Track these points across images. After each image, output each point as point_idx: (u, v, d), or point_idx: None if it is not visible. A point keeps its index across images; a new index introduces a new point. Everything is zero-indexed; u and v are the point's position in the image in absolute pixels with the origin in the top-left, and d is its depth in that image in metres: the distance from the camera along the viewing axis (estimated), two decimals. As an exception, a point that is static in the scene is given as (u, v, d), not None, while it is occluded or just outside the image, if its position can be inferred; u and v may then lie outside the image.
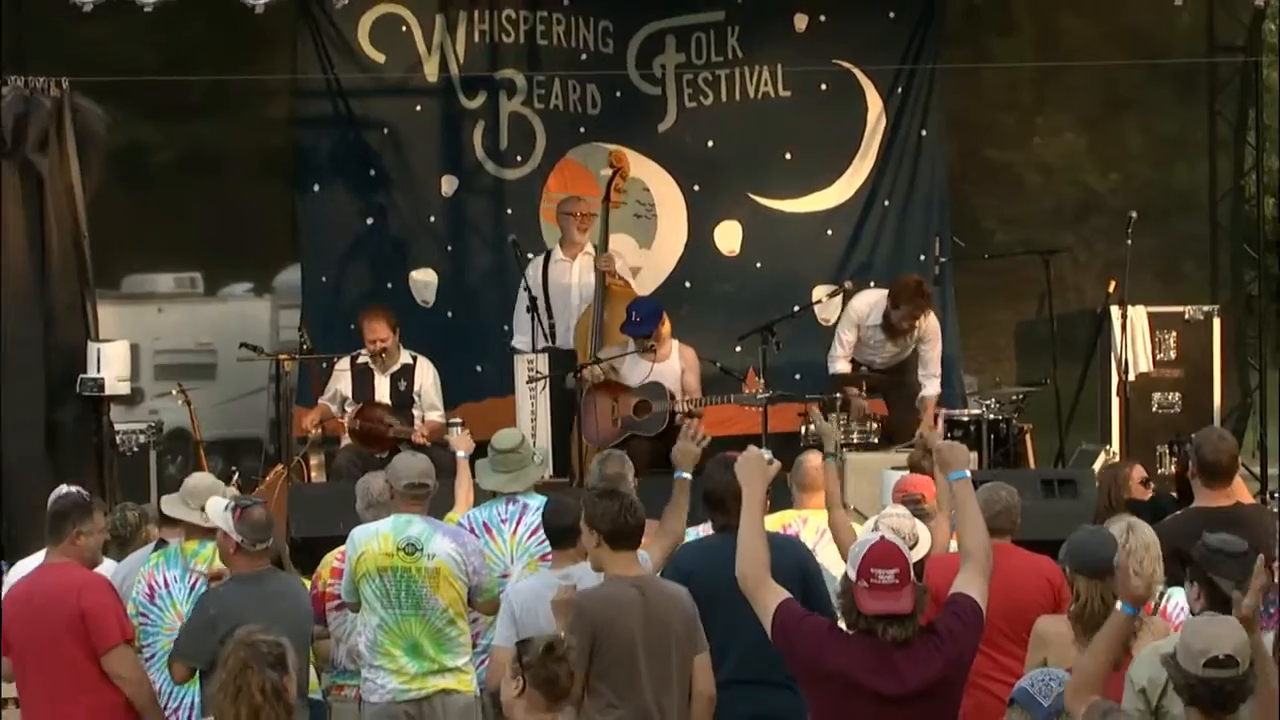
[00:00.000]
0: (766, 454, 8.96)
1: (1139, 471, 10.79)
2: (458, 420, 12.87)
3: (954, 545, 9.47)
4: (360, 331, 13.71)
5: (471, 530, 9.59)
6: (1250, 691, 5.72)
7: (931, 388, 13.67)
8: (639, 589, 7.74)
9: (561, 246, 14.40)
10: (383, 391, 13.54)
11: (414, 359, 13.68)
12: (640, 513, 7.87)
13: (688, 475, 8.87)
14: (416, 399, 13.53)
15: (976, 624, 6.66)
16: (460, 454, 10.56)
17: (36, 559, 9.49)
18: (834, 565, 8.53)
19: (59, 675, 8.56)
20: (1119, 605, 6.51)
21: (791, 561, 8.49)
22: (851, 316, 13.84)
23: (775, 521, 9.49)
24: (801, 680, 6.68)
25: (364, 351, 13.63)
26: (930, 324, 13.75)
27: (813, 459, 10.42)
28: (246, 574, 8.60)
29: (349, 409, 13.57)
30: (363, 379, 13.60)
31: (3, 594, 9.17)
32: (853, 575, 6.59)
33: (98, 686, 8.57)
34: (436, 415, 13.53)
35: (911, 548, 8.85)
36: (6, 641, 8.74)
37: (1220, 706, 5.68)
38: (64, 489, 9.56)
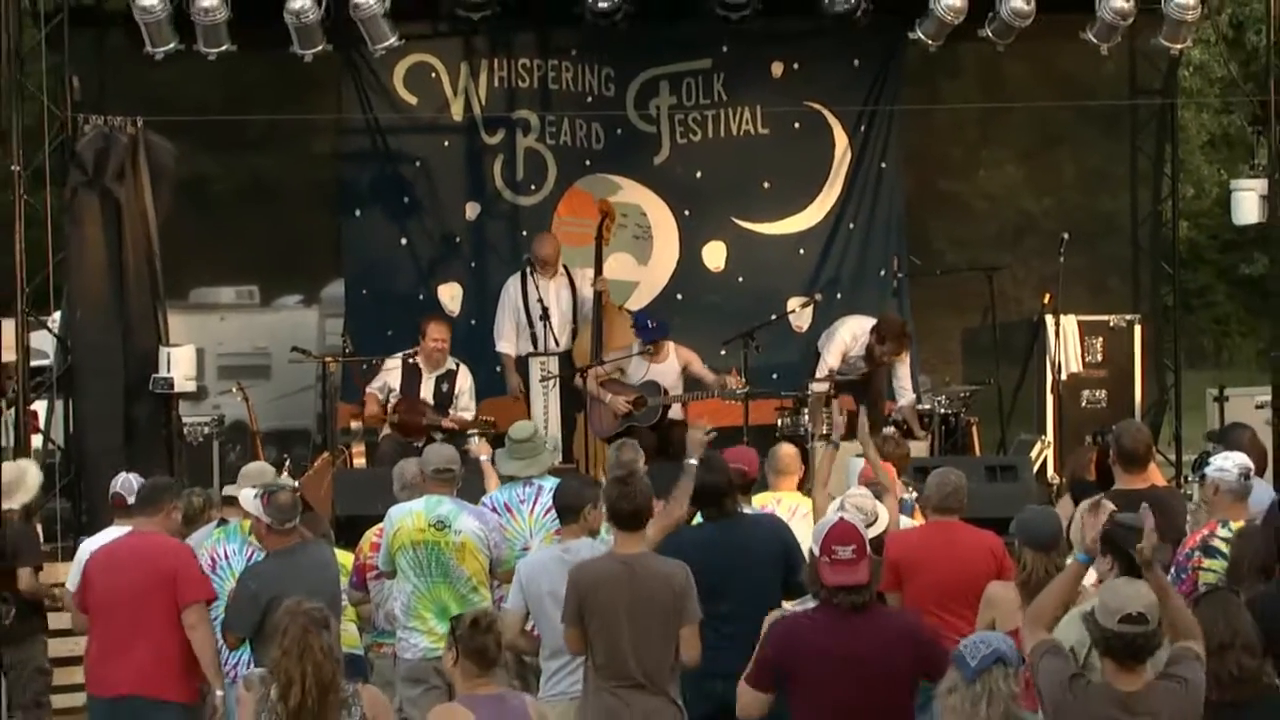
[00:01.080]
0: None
1: (1086, 462, 10.85)
2: (475, 430, 12.92)
3: (905, 521, 9.62)
4: (422, 332, 13.75)
5: (494, 510, 9.56)
6: (1158, 646, 5.70)
7: (906, 399, 13.69)
8: (627, 564, 7.71)
9: (540, 268, 14.42)
10: (427, 390, 13.58)
11: (457, 365, 13.74)
12: (639, 499, 7.81)
13: (695, 461, 8.75)
14: (455, 400, 13.55)
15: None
16: (483, 458, 10.59)
17: (107, 534, 9.51)
18: (805, 539, 8.59)
19: (138, 625, 8.55)
20: (1075, 555, 6.50)
21: (773, 536, 8.60)
22: (838, 345, 13.85)
23: (755, 503, 9.53)
24: (792, 687, 6.62)
25: (417, 351, 13.70)
26: (906, 353, 13.82)
27: (786, 448, 10.43)
28: (279, 549, 8.62)
29: (393, 399, 13.62)
30: (411, 376, 13.62)
31: (84, 563, 9.23)
32: (816, 551, 6.65)
33: (170, 637, 8.57)
34: (468, 415, 13.53)
35: (871, 524, 8.91)
36: (87, 598, 8.82)
37: (1132, 657, 5.65)
38: (124, 475, 9.69)
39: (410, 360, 13.72)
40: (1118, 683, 5.69)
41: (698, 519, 8.90)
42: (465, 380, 13.71)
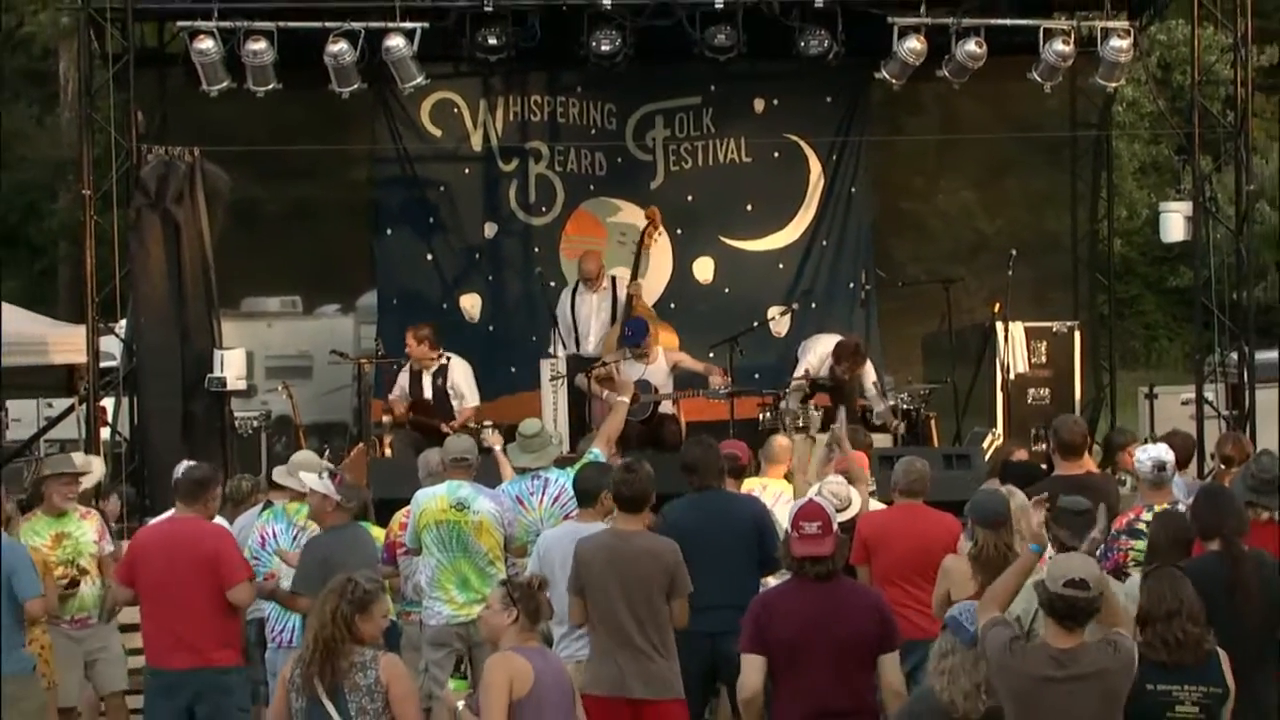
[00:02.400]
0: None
1: (1020, 452, 10.86)
2: (489, 423, 12.84)
3: (874, 504, 9.60)
4: (406, 343, 13.65)
5: (515, 500, 9.55)
6: (1096, 611, 5.68)
7: (877, 405, 13.60)
8: (623, 540, 7.71)
9: (584, 284, 14.40)
10: (428, 388, 13.48)
11: (448, 359, 13.57)
12: (639, 485, 7.82)
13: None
14: (451, 391, 13.44)
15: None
16: (496, 449, 10.56)
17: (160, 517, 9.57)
18: (784, 522, 8.57)
19: (184, 600, 8.49)
20: (1029, 545, 6.43)
21: (748, 514, 8.59)
22: (806, 365, 13.69)
23: (743, 488, 9.55)
24: (770, 647, 6.59)
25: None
26: (866, 371, 13.69)
27: (780, 439, 10.50)
28: (338, 525, 8.70)
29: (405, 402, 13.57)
30: (415, 379, 13.55)
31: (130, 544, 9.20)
32: (787, 527, 6.69)
33: (212, 610, 8.51)
34: (468, 402, 13.38)
35: (845, 509, 8.93)
36: (134, 575, 8.71)
37: (1071, 618, 5.61)
38: (186, 464, 9.65)
39: (414, 367, 13.63)
40: (1055, 641, 5.66)
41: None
42: (456, 373, 13.52)
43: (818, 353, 13.77)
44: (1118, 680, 5.68)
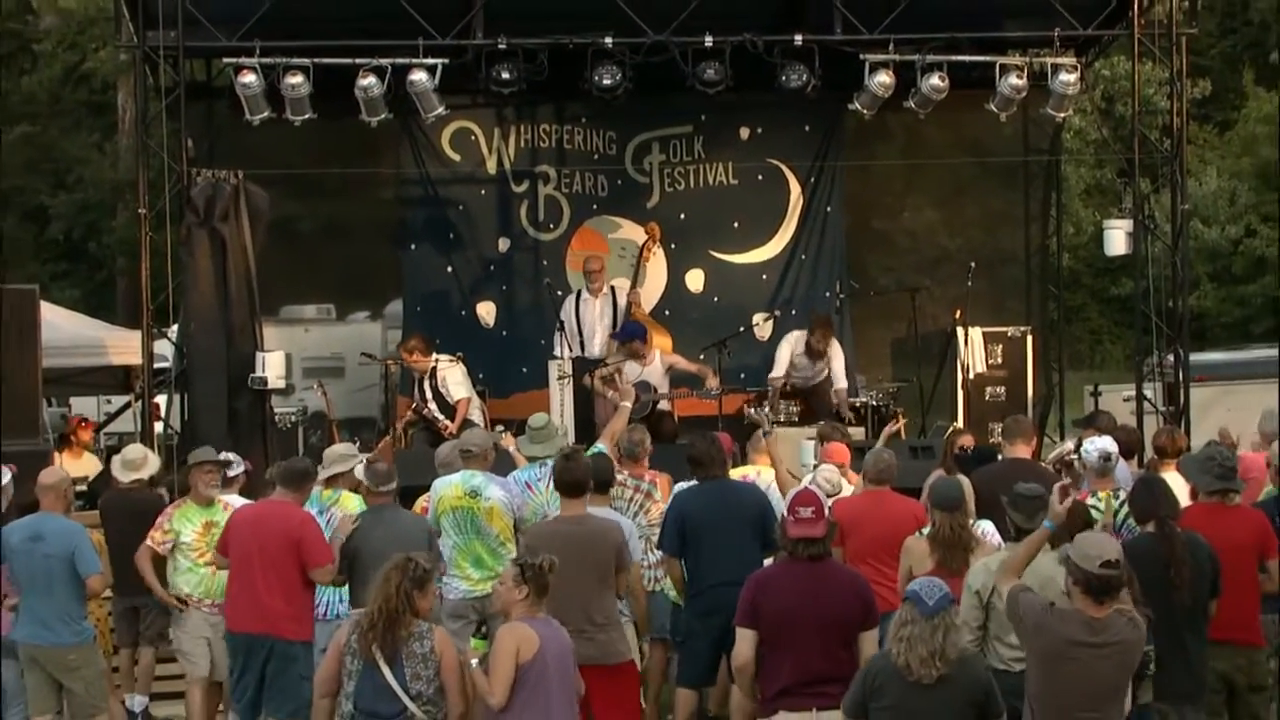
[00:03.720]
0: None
1: (965, 439, 10.86)
2: (501, 427, 12.79)
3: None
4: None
5: (524, 486, 9.56)
6: (1122, 586, 5.74)
7: (841, 383, 13.64)
8: (576, 523, 7.81)
9: (588, 290, 14.37)
10: (427, 389, 13.41)
11: (436, 361, 13.45)
12: (578, 473, 7.98)
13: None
14: (444, 389, 13.32)
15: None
16: (511, 449, 10.52)
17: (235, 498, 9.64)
18: (775, 503, 8.55)
19: (269, 577, 8.54)
20: (1045, 522, 6.48)
21: (753, 501, 8.62)
22: (785, 347, 13.78)
23: (735, 473, 9.51)
24: (762, 621, 6.62)
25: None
26: (834, 347, 13.77)
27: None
28: (377, 506, 8.69)
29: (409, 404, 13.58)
30: (419, 382, 13.48)
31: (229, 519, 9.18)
32: (784, 512, 6.72)
33: (288, 586, 8.56)
34: (457, 395, 13.25)
35: (836, 494, 8.95)
36: (227, 546, 8.76)
37: (1105, 594, 5.69)
38: (226, 454, 9.80)
39: (413, 375, 13.58)
40: (1088, 610, 5.71)
41: (680, 485, 8.97)
42: (446, 372, 13.37)
43: (790, 341, 13.86)
44: (1134, 652, 5.77)
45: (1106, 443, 8.71)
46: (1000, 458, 9.61)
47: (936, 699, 5.65)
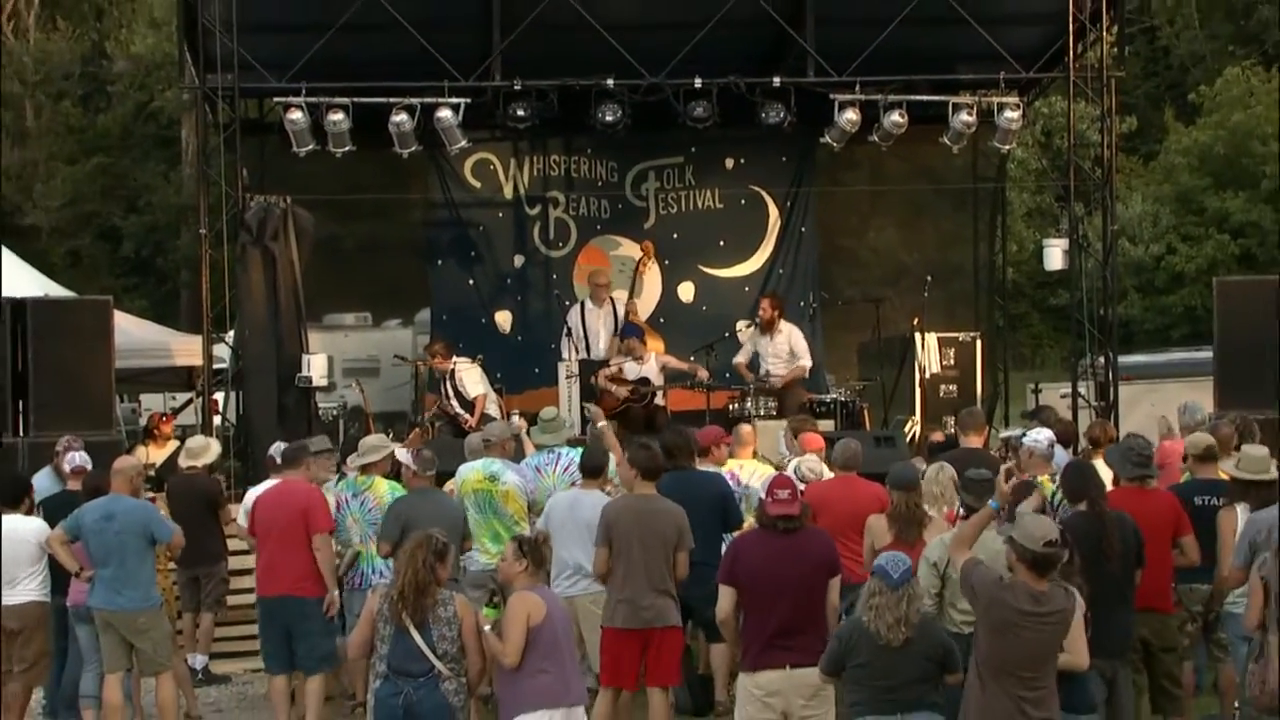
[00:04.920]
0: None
1: (937, 434, 10.87)
2: (516, 411, 12.77)
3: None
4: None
5: (535, 469, 9.56)
6: (1060, 562, 5.70)
7: (805, 361, 13.60)
8: (644, 502, 7.77)
9: (592, 300, 14.29)
10: (449, 388, 13.38)
11: (456, 363, 13.42)
12: (659, 459, 7.94)
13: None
14: (462, 388, 13.30)
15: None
16: (522, 433, 10.47)
17: (264, 485, 9.52)
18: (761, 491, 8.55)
19: (287, 541, 8.63)
20: (990, 502, 6.49)
21: (715, 489, 8.70)
22: (744, 335, 14.00)
23: (726, 468, 9.52)
24: (740, 580, 6.64)
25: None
26: (790, 328, 13.70)
27: (744, 428, 10.41)
28: (418, 489, 8.67)
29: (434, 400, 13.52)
30: (443, 381, 13.46)
31: (251, 502, 9.28)
32: (763, 494, 6.82)
33: (301, 551, 8.62)
34: (473, 393, 13.20)
35: (820, 478, 8.94)
36: (256, 523, 8.86)
37: (1048, 569, 5.65)
38: (277, 444, 9.78)
39: (436, 375, 13.55)
40: (1031, 584, 5.69)
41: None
42: (464, 373, 13.33)
43: (744, 339, 14.02)
44: (1069, 619, 5.74)
45: (1047, 434, 8.77)
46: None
47: (903, 658, 5.72)
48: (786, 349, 13.63)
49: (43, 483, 9.77)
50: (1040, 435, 8.65)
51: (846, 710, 6.01)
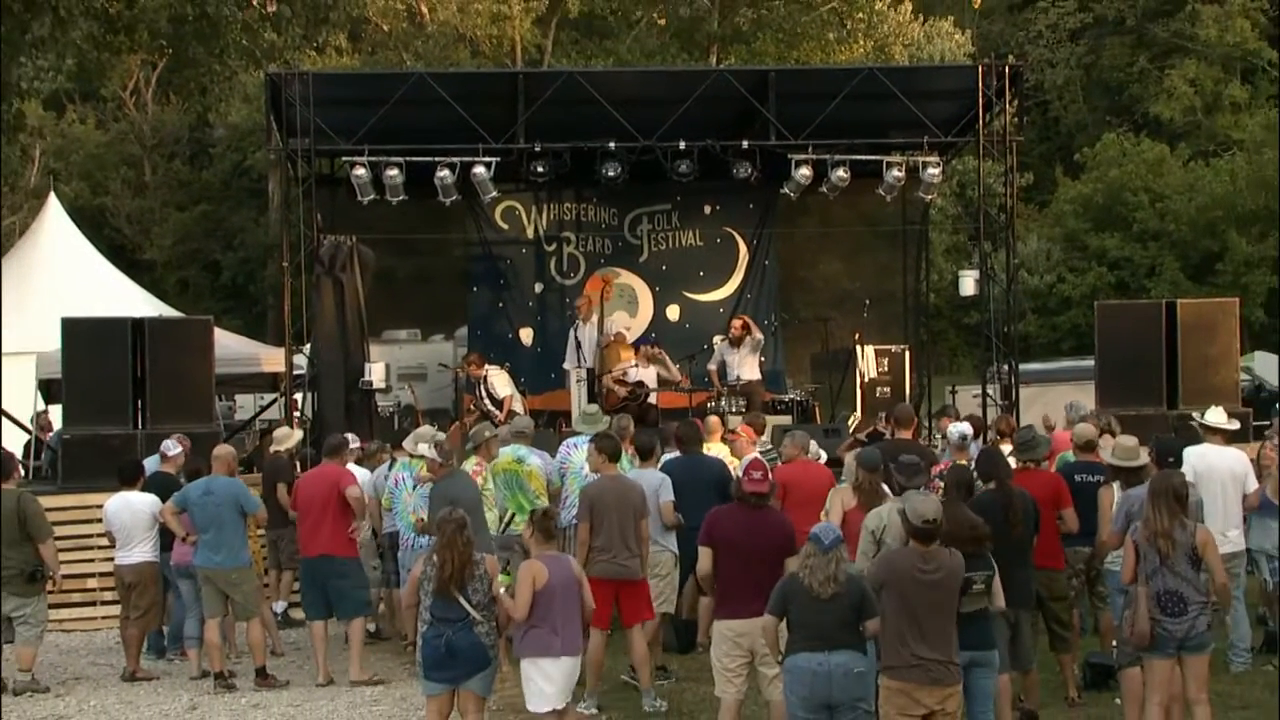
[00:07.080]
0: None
1: (872, 428, 10.79)
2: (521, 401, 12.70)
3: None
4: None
5: (574, 446, 9.01)
6: (941, 532, 5.67)
7: (753, 372, 13.57)
8: (615, 481, 7.77)
9: (580, 318, 14.07)
10: (482, 390, 13.28)
11: (487, 370, 13.34)
12: (618, 445, 7.97)
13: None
14: (491, 391, 13.21)
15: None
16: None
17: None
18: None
19: (324, 516, 8.66)
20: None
21: (718, 470, 8.65)
22: (717, 347, 13.94)
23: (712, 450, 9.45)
24: (715, 543, 6.56)
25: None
26: (754, 335, 13.64)
27: (712, 419, 10.32)
28: (446, 474, 8.47)
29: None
30: (477, 384, 13.37)
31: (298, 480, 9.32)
32: (740, 473, 6.74)
33: (341, 521, 8.65)
34: (501, 393, 13.09)
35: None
36: (299, 499, 8.84)
37: (928, 540, 5.61)
38: (343, 435, 9.70)
39: (472, 379, 13.49)
40: (919, 548, 5.66)
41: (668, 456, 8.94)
42: (494, 377, 13.25)
43: (716, 349, 13.97)
44: (956, 575, 5.70)
45: (964, 426, 8.74)
46: (890, 436, 9.57)
47: (831, 607, 5.68)
48: (750, 365, 13.63)
49: (152, 466, 9.82)
50: (955, 429, 8.65)
51: (789, 647, 5.96)
